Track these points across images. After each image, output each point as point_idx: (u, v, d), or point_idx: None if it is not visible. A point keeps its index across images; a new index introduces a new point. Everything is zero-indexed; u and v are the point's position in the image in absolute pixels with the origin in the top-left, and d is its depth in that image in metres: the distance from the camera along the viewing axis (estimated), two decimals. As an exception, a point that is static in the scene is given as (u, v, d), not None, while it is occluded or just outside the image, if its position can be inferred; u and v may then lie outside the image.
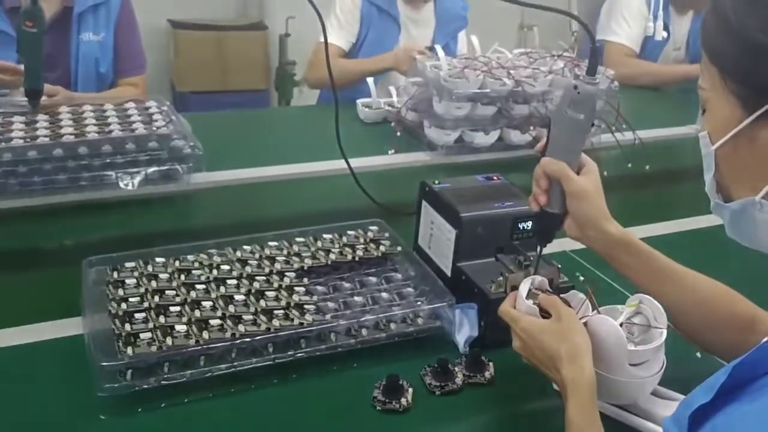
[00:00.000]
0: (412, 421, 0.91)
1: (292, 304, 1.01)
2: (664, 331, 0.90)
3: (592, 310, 0.94)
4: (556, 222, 0.96)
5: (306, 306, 1.01)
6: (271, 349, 0.96)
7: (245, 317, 0.97)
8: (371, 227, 1.22)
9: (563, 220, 0.96)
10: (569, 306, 0.92)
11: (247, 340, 0.93)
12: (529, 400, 0.97)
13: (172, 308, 0.97)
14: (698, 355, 0.90)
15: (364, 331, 1.01)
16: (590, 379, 0.82)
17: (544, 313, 0.91)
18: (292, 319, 0.98)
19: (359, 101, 2.00)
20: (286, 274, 1.08)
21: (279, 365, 0.96)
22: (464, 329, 1.05)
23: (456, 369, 0.99)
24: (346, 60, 2.26)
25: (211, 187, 1.52)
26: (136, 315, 0.96)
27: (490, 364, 1.01)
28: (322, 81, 2.22)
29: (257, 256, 1.12)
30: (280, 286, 1.05)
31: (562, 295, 0.94)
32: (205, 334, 0.93)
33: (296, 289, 1.05)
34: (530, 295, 0.93)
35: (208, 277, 1.05)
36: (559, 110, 0.91)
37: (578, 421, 0.80)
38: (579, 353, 0.84)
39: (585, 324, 0.90)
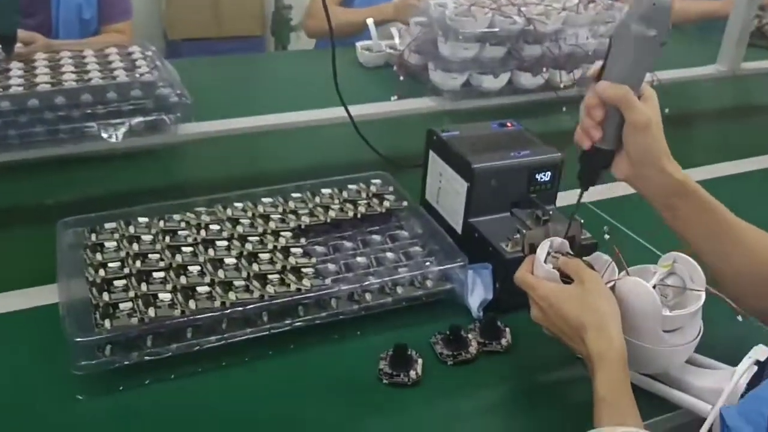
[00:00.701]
0: (422, 394, 0.83)
1: (288, 268, 0.91)
2: (702, 294, 0.81)
3: (620, 272, 0.85)
4: (608, 160, 0.83)
5: (303, 269, 0.92)
6: (265, 318, 0.87)
7: (237, 283, 0.88)
8: (374, 181, 1.12)
9: (613, 157, 0.83)
10: (593, 269, 0.83)
11: (239, 309, 0.84)
12: (550, 369, 0.89)
13: (155, 274, 0.88)
14: (739, 318, 0.81)
15: (368, 296, 0.92)
16: (620, 350, 0.74)
17: (566, 278, 0.81)
18: (289, 285, 0.88)
19: (359, 44, 1.87)
20: (282, 233, 0.98)
21: (275, 336, 0.87)
22: (477, 292, 0.96)
23: (469, 336, 0.90)
24: (345, 9, 2.13)
25: (200, 138, 1.41)
26: (116, 282, 0.87)
27: (507, 329, 0.92)
28: (321, 31, 2.10)
29: (250, 214, 1.03)
30: (275, 247, 0.95)
31: (585, 258, 0.84)
32: (192, 304, 0.84)
33: (293, 250, 0.95)
34: (549, 258, 0.84)
35: (195, 239, 0.96)
36: (625, 26, 0.77)
37: (609, 397, 0.72)
38: (606, 321, 0.75)
39: (612, 288, 0.81)
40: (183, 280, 0.87)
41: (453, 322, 0.93)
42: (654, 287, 0.84)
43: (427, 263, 0.98)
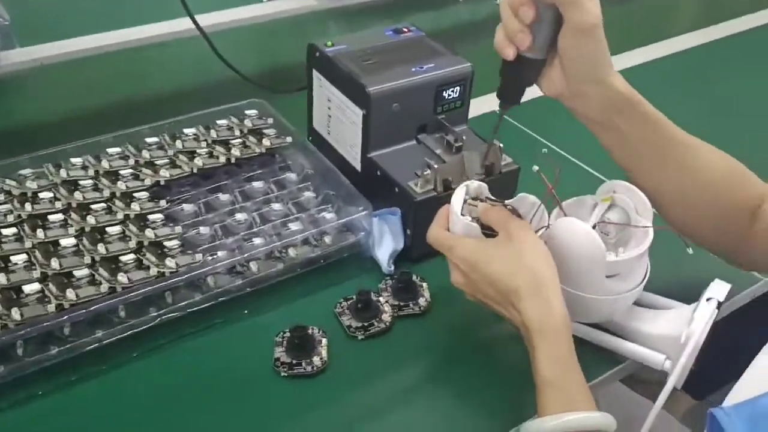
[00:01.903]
0: (329, 383, 0.68)
1: (146, 244, 0.72)
2: (651, 231, 0.68)
3: (554, 209, 0.70)
4: (536, 73, 0.66)
5: (166, 243, 0.72)
6: (122, 314, 0.68)
7: (77, 274, 0.68)
8: (249, 112, 0.91)
9: (542, 69, 0.66)
10: (518, 216, 0.68)
11: (82, 311, 0.64)
12: (479, 328, 0.75)
13: (-37, 273, 0.67)
14: (690, 251, 0.69)
15: (253, 266, 0.74)
16: (562, 318, 0.60)
17: (488, 231, 0.66)
18: (148, 268, 0.69)
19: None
20: (136, 195, 0.78)
21: (139, 333, 0.69)
22: (386, 243, 0.80)
23: (381, 300, 0.75)
24: None
25: (21, 69, 1.13)
26: None
27: (424, 285, 0.78)
28: None
29: (92, 172, 0.80)
30: (128, 217, 0.75)
31: (507, 202, 0.69)
32: (16, 313, 0.63)
33: (151, 218, 0.75)
34: (466, 207, 0.68)
35: (19, 216, 0.74)
36: None
37: (554, 378, 0.59)
38: (543, 283, 0.61)
39: (547, 233, 0.67)
40: (1, 278, 0.66)
41: (360, 281, 0.78)
42: (594, 227, 0.71)
43: (323, 213, 0.80)
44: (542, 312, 0.60)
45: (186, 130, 0.87)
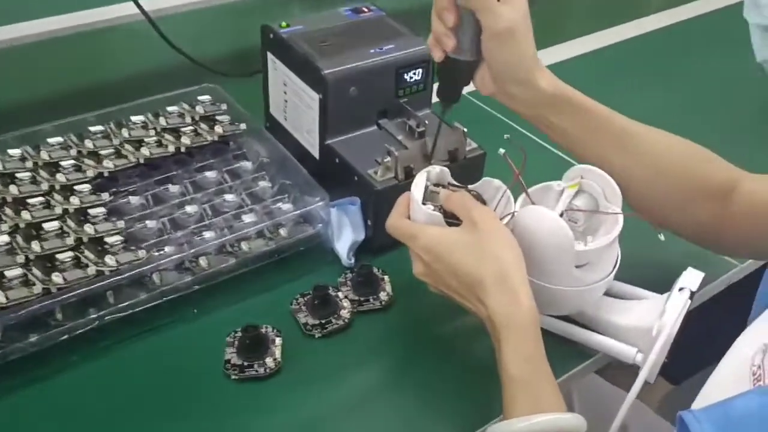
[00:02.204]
0: (283, 386, 0.64)
1: (85, 241, 0.67)
2: (621, 217, 0.65)
3: (522, 194, 0.67)
4: (467, 73, 0.66)
5: (108, 239, 0.68)
6: (59, 317, 0.63)
7: (8, 275, 0.63)
8: (201, 98, 0.86)
9: (475, 69, 0.66)
10: (483, 202, 0.64)
11: (12, 315, 0.60)
12: (443, 322, 0.71)
13: None
14: (662, 237, 0.66)
15: (203, 261, 0.70)
16: (530, 312, 0.57)
17: (451, 219, 0.62)
18: (86, 266, 0.65)
19: None
20: (77, 188, 0.73)
21: (77, 337, 0.64)
22: (346, 234, 0.76)
23: (340, 295, 0.71)
24: None
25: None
26: None
27: (386, 278, 0.74)
28: None
29: (30, 164, 0.75)
30: (66, 211, 0.70)
31: (470, 187, 0.66)
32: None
33: (92, 212, 0.70)
34: (428, 194, 0.64)
35: (-52, 213, 0.69)
36: None
37: (522, 376, 0.55)
38: (508, 273, 0.57)
39: (513, 221, 0.63)
40: (-75, 282, 0.61)
41: (319, 275, 0.74)
42: (561, 214, 0.67)
43: (279, 205, 0.76)
44: (509, 306, 0.57)
45: (134, 118, 0.82)
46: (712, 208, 0.67)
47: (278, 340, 0.66)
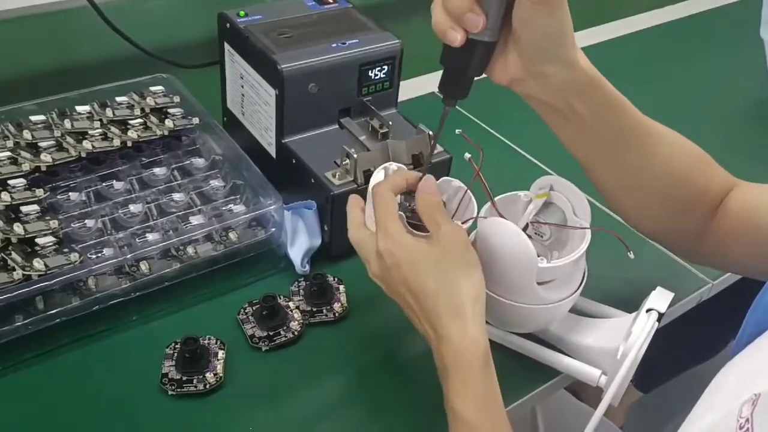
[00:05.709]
0: (224, 402, 0.60)
1: (13, 242, 0.62)
2: (588, 233, 0.61)
3: (488, 203, 0.62)
4: (486, 59, 0.54)
5: (38, 240, 0.63)
6: (-20, 324, 0.58)
7: (-75, 278, 0.58)
8: (153, 89, 0.81)
9: (492, 53, 0.54)
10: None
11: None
12: (398, 335, 0.67)
13: None
14: (631, 255, 0.62)
15: (144, 266, 0.65)
16: (485, 351, 0.52)
17: (414, 221, 0.58)
18: (12, 270, 0.59)
19: None
20: (10, 183, 0.68)
21: (2, 345, 0.59)
22: (301, 240, 0.72)
23: (291, 305, 0.67)
24: None
25: None
26: None
27: (341, 288, 0.70)
28: None
29: (-39, 156, 0.70)
30: (-5, 208, 0.65)
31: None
32: None
33: (25, 210, 0.65)
34: None
35: None
36: None
37: (467, 415, 0.51)
38: (465, 305, 0.52)
39: (474, 234, 0.59)
40: None
41: (270, 283, 0.70)
42: (526, 227, 0.63)
43: (230, 206, 0.71)
44: (459, 340, 0.52)
45: (79, 108, 0.77)
46: (701, 216, 0.63)
47: (221, 354, 0.62)
